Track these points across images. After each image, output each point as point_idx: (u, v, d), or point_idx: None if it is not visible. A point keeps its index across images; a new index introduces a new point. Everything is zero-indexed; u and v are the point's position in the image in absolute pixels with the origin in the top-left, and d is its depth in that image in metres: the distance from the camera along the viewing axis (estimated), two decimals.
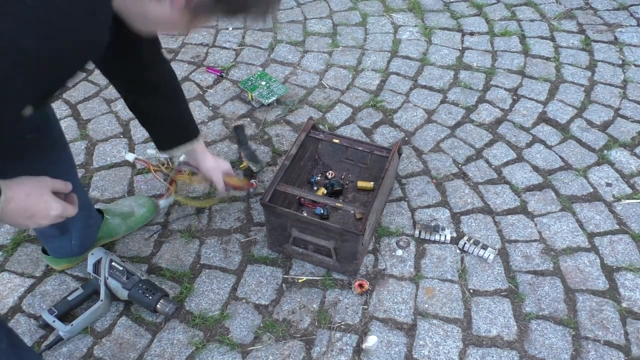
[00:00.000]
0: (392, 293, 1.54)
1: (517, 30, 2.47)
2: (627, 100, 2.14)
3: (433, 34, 2.45)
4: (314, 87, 2.19)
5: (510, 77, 2.24)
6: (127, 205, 1.67)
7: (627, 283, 1.57)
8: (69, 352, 1.41)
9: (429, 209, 1.75)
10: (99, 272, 1.47)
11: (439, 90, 2.18)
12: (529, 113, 2.08)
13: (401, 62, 2.31)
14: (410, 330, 1.46)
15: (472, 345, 1.43)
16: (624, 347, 1.43)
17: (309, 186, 1.79)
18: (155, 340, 1.44)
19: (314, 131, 1.70)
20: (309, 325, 1.47)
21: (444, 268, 1.60)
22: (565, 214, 1.74)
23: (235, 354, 1.41)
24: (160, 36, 1.24)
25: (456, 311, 1.50)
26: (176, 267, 1.60)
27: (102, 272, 1.47)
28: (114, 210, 1.64)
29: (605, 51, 2.36)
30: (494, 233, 1.69)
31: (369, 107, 2.10)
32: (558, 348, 1.43)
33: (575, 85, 2.20)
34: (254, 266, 1.60)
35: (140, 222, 1.67)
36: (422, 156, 1.92)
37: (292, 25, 2.50)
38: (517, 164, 1.90)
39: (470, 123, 2.04)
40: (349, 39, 2.43)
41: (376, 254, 1.63)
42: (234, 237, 1.67)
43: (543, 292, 1.54)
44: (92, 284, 1.48)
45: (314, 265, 1.59)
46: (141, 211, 1.67)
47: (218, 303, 1.51)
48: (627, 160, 1.91)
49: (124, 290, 1.45)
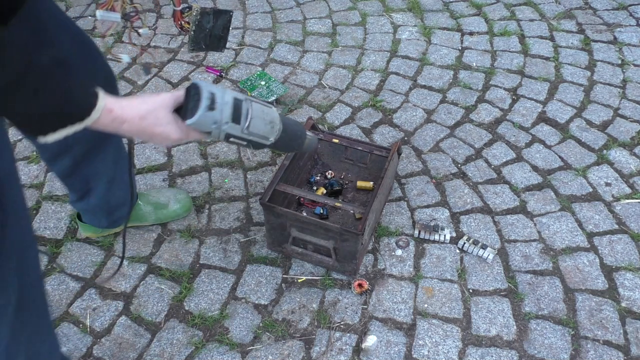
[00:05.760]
0: (392, 293, 1.54)
1: (517, 30, 2.47)
2: (627, 100, 2.14)
3: (432, 33, 2.45)
4: (314, 87, 2.19)
5: (510, 77, 2.24)
6: (165, 196, 1.68)
7: (627, 283, 1.57)
8: (68, 352, 1.41)
9: (429, 209, 1.75)
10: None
11: (438, 90, 2.18)
12: (529, 113, 2.09)
13: (401, 62, 2.31)
14: (409, 330, 1.46)
15: (472, 345, 1.44)
16: (623, 347, 1.43)
17: (308, 186, 1.79)
18: (155, 340, 1.44)
19: (314, 131, 1.70)
20: (309, 325, 1.47)
21: (443, 268, 1.60)
22: (564, 214, 1.74)
23: (235, 354, 1.41)
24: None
25: (456, 311, 1.50)
26: (175, 266, 1.60)
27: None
28: (150, 198, 1.66)
29: (604, 51, 2.36)
30: (493, 233, 1.69)
31: (369, 107, 2.10)
32: (557, 348, 1.43)
33: (575, 85, 2.20)
34: (253, 266, 1.60)
35: (171, 217, 1.68)
36: (421, 156, 1.92)
37: (292, 25, 2.50)
38: (517, 163, 1.90)
39: (470, 123, 2.04)
40: (348, 38, 2.43)
41: (376, 253, 1.63)
42: (234, 236, 1.67)
43: (542, 291, 1.55)
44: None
45: (314, 265, 1.59)
46: (175, 206, 1.68)
47: (217, 303, 1.52)
48: (627, 160, 1.91)
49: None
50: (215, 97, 0.86)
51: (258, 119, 0.93)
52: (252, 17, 2.54)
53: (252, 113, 0.92)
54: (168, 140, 0.89)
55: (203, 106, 0.85)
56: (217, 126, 0.88)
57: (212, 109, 0.86)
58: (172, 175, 1.85)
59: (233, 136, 0.92)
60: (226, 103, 0.88)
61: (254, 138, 0.95)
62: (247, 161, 1.90)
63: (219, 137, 0.91)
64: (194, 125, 0.86)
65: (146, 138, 0.88)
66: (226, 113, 0.88)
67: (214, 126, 0.88)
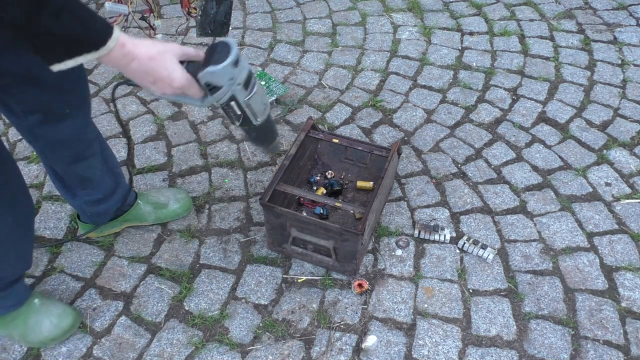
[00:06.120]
0: (392, 293, 1.54)
1: (517, 30, 2.47)
2: (627, 100, 2.14)
3: (432, 33, 2.45)
4: (314, 86, 2.19)
5: (510, 77, 2.24)
6: (165, 196, 1.68)
7: (627, 283, 1.57)
8: (69, 352, 1.41)
9: (429, 209, 1.75)
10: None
11: (438, 90, 2.18)
12: (529, 113, 2.09)
13: (401, 61, 2.31)
14: (409, 330, 1.46)
15: (472, 345, 1.44)
16: (623, 347, 1.43)
17: (308, 186, 1.79)
18: (155, 340, 1.44)
19: (314, 131, 1.70)
20: (309, 325, 1.47)
21: (443, 268, 1.60)
22: (564, 214, 1.74)
23: (235, 354, 1.41)
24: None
25: (455, 311, 1.50)
26: (175, 266, 1.60)
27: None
28: (149, 197, 1.66)
29: (604, 51, 2.36)
30: (493, 233, 1.69)
31: (369, 107, 2.10)
32: (557, 348, 1.43)
33: (575, 85, 2.20)
34: (253, 266, 1.60)
35: (171, 217, 1.68)
36: (421, 156, 1.92)
37: (292, 25, 2.50)
38: (517, 163, 1.90)
39: (470, 123, 2.04)
40: (348, 38, 2.43)
41: (376, 253, 1.63)
42: (234, 236, 1.67)
43: (542, 291, 1.55)
44: None
45: (314, 265, 1.59)
46: (175, 206, 1.68)
47: (217, 303, 1.51)
48: (627, 160, 1.91)
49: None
50: (240, 57, 0.94)
51: (259, 95, 1.03)
52: (252, 17, 2.54)
53: (257, 88, 1.01)
54: (170, 86, 0.92)
55: (231, 60, 0.91)
56: (231, 83, 0.94)
57: (236, 65, 0.93)
58: (172, 175, 1.85)
59: (235, 100, 0.98)
60: (245, 67, 0.96)
61: (249, 112, 1.03)
62: (247, 161, 1.90)
63: (220, 99, 0.97)
64: (216, 72, 0.92)
65: (150, 81, 0.91)
66: (243, 75, 0.96)
67: (229, 82, 0.94)
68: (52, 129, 1.25)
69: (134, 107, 2.09)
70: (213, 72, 0.92)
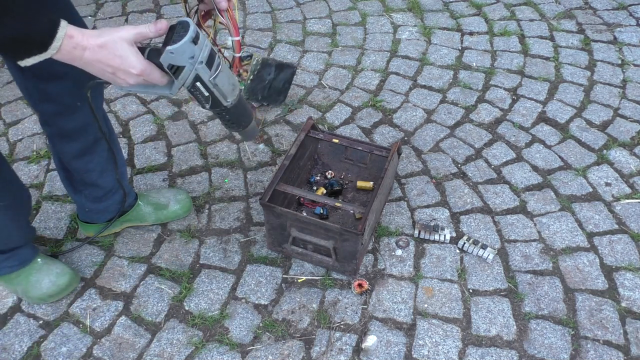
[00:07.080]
0: (392, 293, 1.54)
1: (517, 30, 2.47)
2: (627, 100, 2.14)
3: (432, 33, 2.45)
4: (314, 86, 2.19)
5: (510, 77, 2.24)
6: (165, 196, 1.69)
7: (627, 283, 1.57)
8: (69, 352, 1.41)
9: (429, 209, 1.75)
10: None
11: (438, 90, 2.18)
12: (529, 113, 2.09)
13: (401, 61, 2.31)
14: (409, 330, 1.46)
15: (472, 345, 1.44)
16: (623, 347, 1.43)
17: (308, 186, 1.79)
18: (155, 340, 1.44)
19: (314, 131, 1.70)
20: (309, 325, 1.47)
21: (443, 268, 1.60)
22: (564, 214, 1.74)
23: (235, 354, 1.41)
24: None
25: (455, 311, 1.50)
26: (175, 266, 1.60)
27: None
28: (150, 198, 1.66)
29: (604, 51, 2.36)
30: (493, 233, 1.69)
31: (369, 107, 2.10)
32: (557, 348, 1.43)
33: (575, 85, 2.20)
34: (253, 266, 1.60)
35: (171, 218, 1.69)
36: (421, 156, 1.92)
37: (292, 25, 2.50)
38: (517, 163, 1.90)
39: (470, 123, 2.04)
40: (348, 38, 2.43)
41: (376, 253, 1.63)
42: (234, 237, 1.67)
43: (542, 291, 1.54)
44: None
45: (314, 265, 1.59)
46: (175, 207, 1.68)
47: (217, 303, 1.51)
48: (627, 160, 1.91)
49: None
50: (200, 35, 0.92)
51: (225, 74, 1.00)
52: (252, 17, 2.54)
53: (221, 67, 0.98)
54: (129, 74, 0.90)
55: (188, 37, 0.89)
56: (193, 62, 0.92)
57: (195, 43, 0.91)
58: (172, 175, 1.85)
59: (201, 81, 0.96)
60: (207, 45, 0.94)
61: (216, 92, 1.01)
62: (247, 161, 1.90)
63: (185, 80, 0.94)
64: (175, 50, 0.89)
65: (110, 72, 0.89)
66: (205, 53, 0.93)
67: (190, 61, 0.92)
68: (62, 119, 1.31)
69: (133, 107, 2.09)
70: (172, 50, 0.89)
